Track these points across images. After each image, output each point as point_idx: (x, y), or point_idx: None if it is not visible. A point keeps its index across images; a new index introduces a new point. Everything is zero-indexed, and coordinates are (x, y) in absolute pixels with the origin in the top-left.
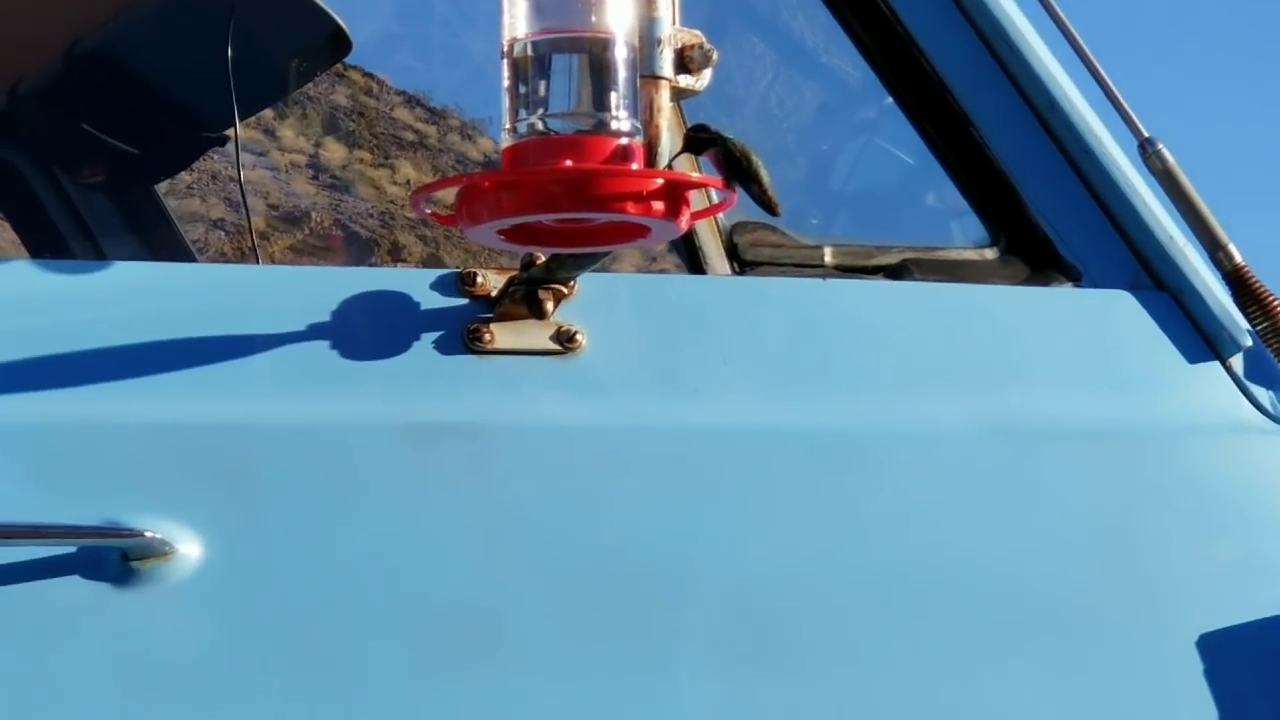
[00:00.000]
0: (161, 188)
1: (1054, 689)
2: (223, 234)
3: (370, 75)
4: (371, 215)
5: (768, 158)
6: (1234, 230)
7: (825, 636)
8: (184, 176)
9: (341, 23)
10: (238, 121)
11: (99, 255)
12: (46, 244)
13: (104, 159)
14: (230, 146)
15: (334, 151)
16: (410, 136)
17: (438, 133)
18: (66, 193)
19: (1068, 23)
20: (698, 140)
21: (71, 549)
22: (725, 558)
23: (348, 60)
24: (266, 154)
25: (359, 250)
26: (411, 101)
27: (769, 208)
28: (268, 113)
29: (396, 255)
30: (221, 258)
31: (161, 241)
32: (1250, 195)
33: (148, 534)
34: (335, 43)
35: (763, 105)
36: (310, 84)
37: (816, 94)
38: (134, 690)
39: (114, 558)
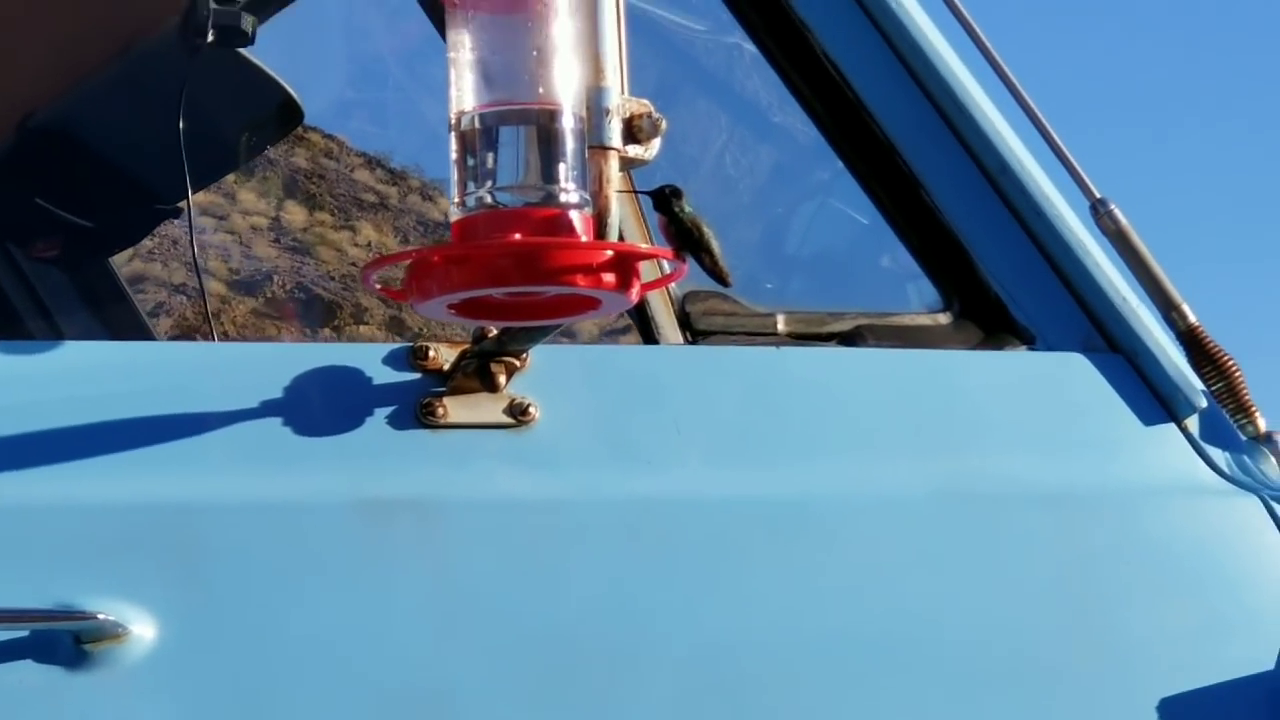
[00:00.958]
0: (121, 255)
1: None
2: (184, 299)
3: (330, 137)
4: (333, 278)
5: (721, 221)
6: (1188, 289)
7: (785, 707)
8: (145, 242)
9: (293, 93)
10: (190, 193)
11: (53, 331)
12: None
13: (57, 233)
14: (187, 217)
15: (295, 214)
16: (371, 198)
17: (399, 194)
18: (19, 267)
19: (1016, 82)
20: (662, 202)
21: (23, 632)
22: (683, 630)
23: (306, 122)
24: (227, 218)
25: (321, 313)
26: (372, 163)
27: (720, 279)
28: (228, 176)
29: (359, 319)
30: (183, 322)
31: (116, 316)
32: (1205, 252)
33: (100, 616)
34: (287, 113)
35: (716, 167)
36: (267, 149)
37: (770, 156)
38: None
39: (66, 641)
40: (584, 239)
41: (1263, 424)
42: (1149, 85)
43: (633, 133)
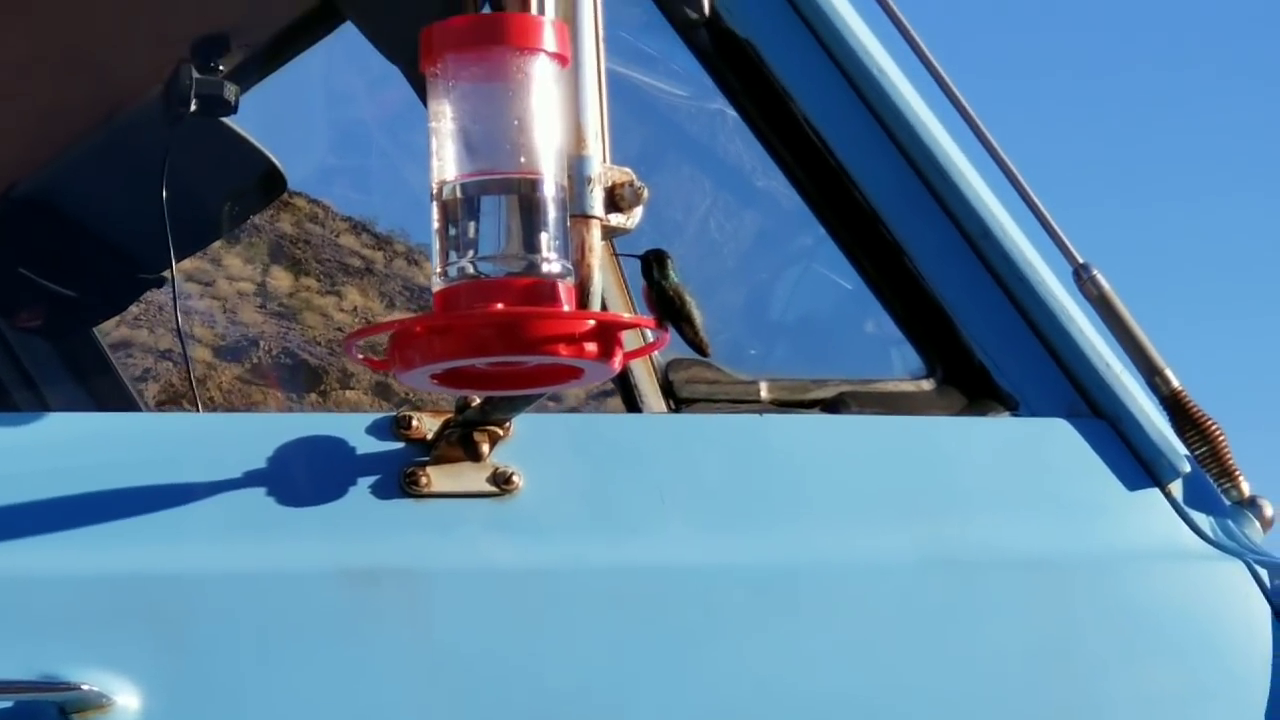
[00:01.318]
0: (103, 328)
1: None
2: (170, 365)
3: (315, 202)
4: (320, 343)
5: (705, 286)
6: (1171, 354)
7: None
8: (131, 308)
9: (276, 161)
10: (174, 261)
11: (39, 401)
12: None
13: (41, 302)
14: (171, 285)
15: (281, 279)
16: (357, 263)
17: (384, 258)
18: (4, 337)
19: (999, 149)
20: (647, 266)
21: (8, 703)
22: (668, 697)
23: (291, 188)
24: (213, 283)
25: (307, 379)
26: (357, 228)
27: (700, 349)
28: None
29: (345, 384)
30: (169, 388)
31: (101, 386)
32: (1187, 316)
33: (85, 686)
34: (271, 181)
35: (700, 233)
36: (252, 216)
37: (753, 221)
38: None
39: (51, 712)
40: (566, 308)
41: (1246, 488)
42: (1134, 155)
43: (615, 201)
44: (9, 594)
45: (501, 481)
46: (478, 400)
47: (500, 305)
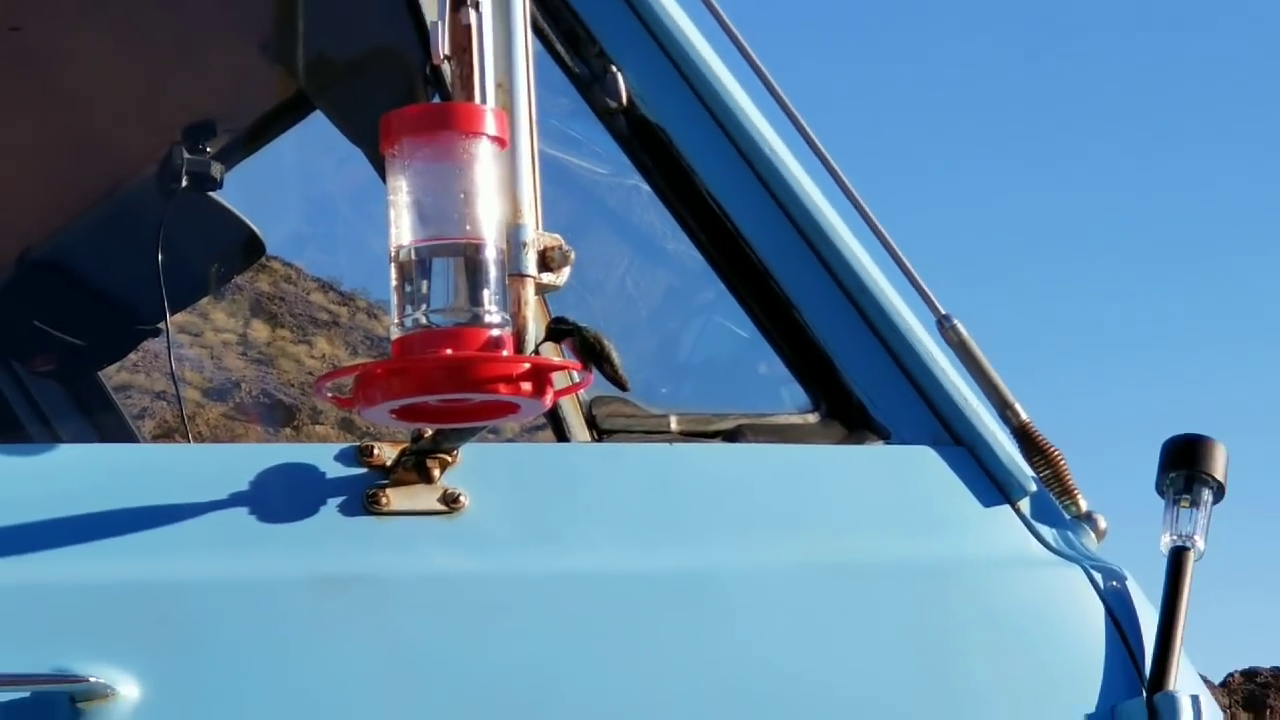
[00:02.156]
0: (109, 367)
1: None
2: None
3: (289, 265)
4: (293, 385)
5: (622, 334)
6: (1021, 389)
7: None
8: (130, 356)
9: (256, 229)
10: (168, 315)
11: (51, 434)
12: (3, 427)
13: (53, 350)
14: (165, 335)
15: (260, 330)
16: (325, 316)
17: (348, 313)
18: (21, 380)
19: (874, 217)
20: (558, 331)
21: (25, 694)
22: (594, 687)
23: (268, 253)
24: (201, 334)
25: (282, 416)
26: (325, 287)
27: (619, 385)
28: (201, 300)
29: (315, 419)
30: (164, 424)
31: (105, 422)
32: (1036, 352)
33: (91, 679)
34: (251, 246)
35: (619, 288)
36: (235, 277)
37: (663, 278)
38: None
39: (63, 701)
40: (505, 354)
41: (1084, 504)
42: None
43: (546, 262)
44: (27, 600)
45: (450, 501)
46: (430, 432)
47: (449, 351)
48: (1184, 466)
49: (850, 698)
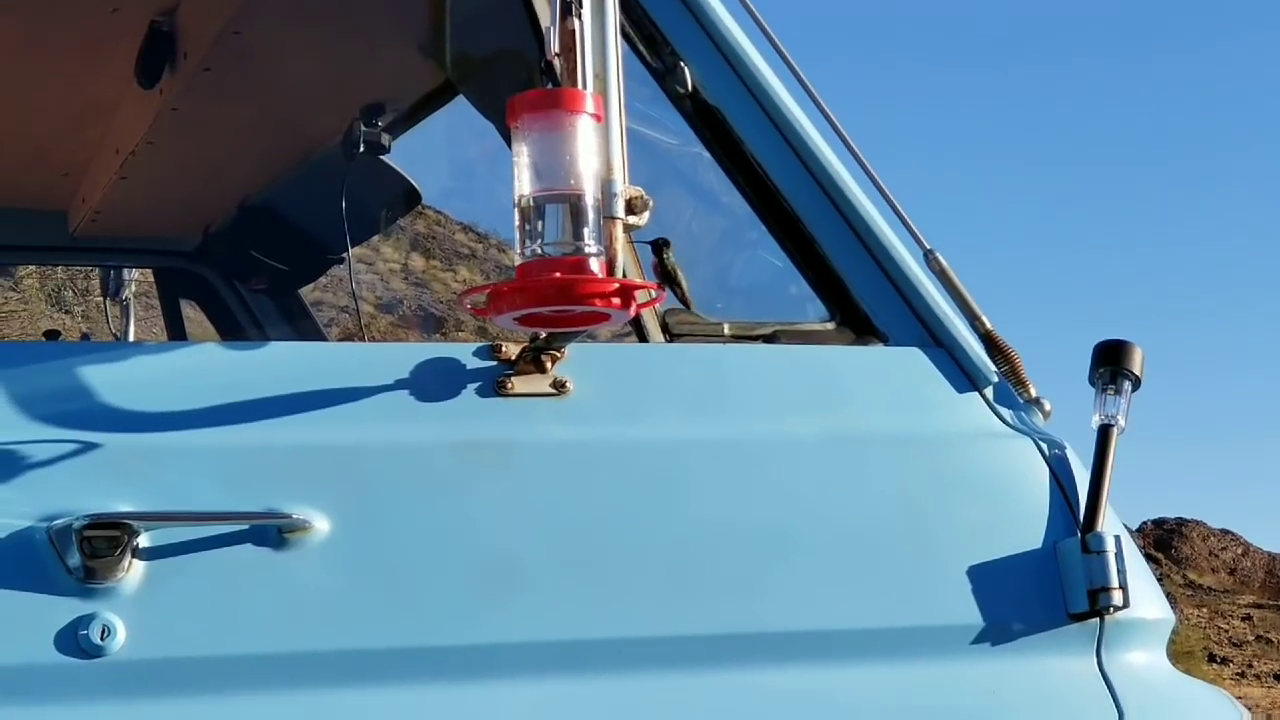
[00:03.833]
0: (305, 290)
1: (884, 606)
2: (346, 315)
3: (439, 212)
4: (442, 302)
5: (688, 264)
6: (991, 310)
7: (734, 574)
8: (321, 280)
9: (415, 183)
10: (349, 248)
11: (263, 336)
12: (229, 330)
13: (265, 274)
14: (348, 263)
15: (417, 262)
16: (466, 251)
17: (483, 248)
18: (241, 296)
19: (876, 175)
20: (657, 247)
21: (246, 526)
22: (662, 527)
23: (424, 203)
24: (374, 264)
25: (434, 325)
26: (466, 229)
27: (685, 304)
28: (374, 237)
29: (459, 327)
30: (346, 331)
31: (304, 327)
32: (1000, 278)
33: (293, 516)
34: (411, 197)
35: (685, 231)
36: (399, 220)
37: (719, 222)
38: (290, 609)
39: (272, 532)
40: (600, 276)
41: (1034, 391)
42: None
43: (631, 208)
44: (245, 457)
45: (559, 386)
46: (544, 334)
47: (558, 274)
48: (1110, 364)
49: (854, 535)
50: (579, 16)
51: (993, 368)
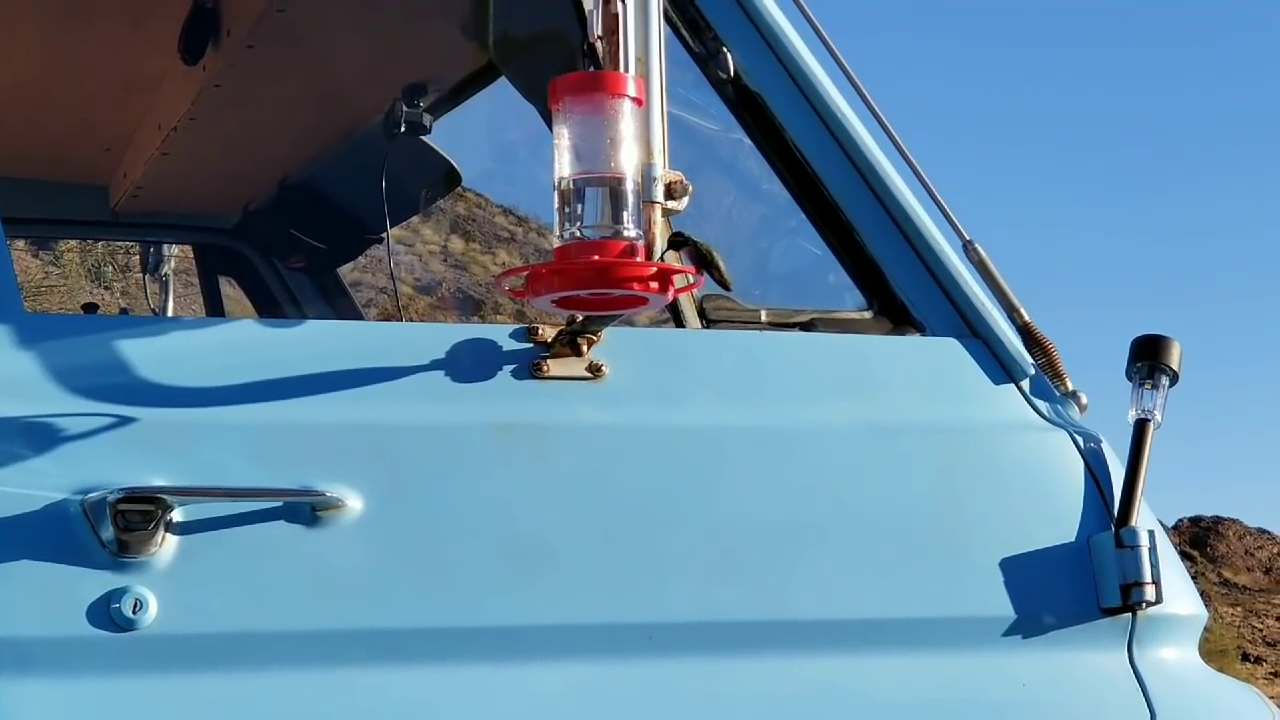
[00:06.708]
0: (343, 270)
1: (915, 596)
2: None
3: (479, 194)
4: (481, 285)
5: (728, 250)
6: (1025, 298)
7: (772, 561)
8: (360, 260)
9: (456, 164)
10: (389, 228)
11: (300, 314)
12: (267, 307)
13: (304, 252)
14: (386, 243)
15: (456, 244)
16: (505, 234)
17: (523, 232)
18: (280, 274)
19: (917, 163)
20: (676, 241)
21: (279, 504)
22: (696, 511)
23: (464, 185)
24: (413, 245)
25: (473, 307)
26: (506, 212)
27: (724, 286)
28: (414, 218)
29: (497, 310)
30: (382, 313)
31: (341, 306)
32: (1038, 270)
33: (327, 494)
34: (452, 178)
35: (726, 217)
36: (439, 202)
37: (759, 210)
38: (322, 587)
39: (305, 510)
40: (639, 260)
41: (1070, 385)
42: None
43: (671, 192)
44: (280, 435)
45: (595, 370)
46: (581, 317)
47: (596, 257)
48: (1148, 359)
49: (886, 525)
50: (622, 0)
51: (1030, 360)
